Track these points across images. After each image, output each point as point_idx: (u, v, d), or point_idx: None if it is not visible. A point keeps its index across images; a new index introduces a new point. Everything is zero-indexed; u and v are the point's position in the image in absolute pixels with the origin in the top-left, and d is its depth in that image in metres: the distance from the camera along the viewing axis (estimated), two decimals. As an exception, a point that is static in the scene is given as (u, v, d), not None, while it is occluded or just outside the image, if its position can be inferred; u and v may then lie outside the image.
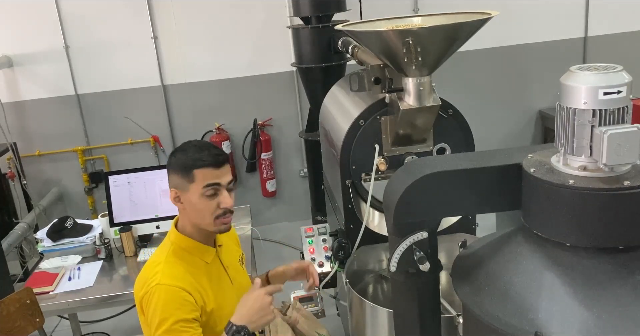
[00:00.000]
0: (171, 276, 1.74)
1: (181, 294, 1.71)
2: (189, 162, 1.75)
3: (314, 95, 3.98)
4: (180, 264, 1.79)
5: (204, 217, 1.78)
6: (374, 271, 2.52)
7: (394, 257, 1.34)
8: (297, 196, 4.99)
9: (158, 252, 1.87)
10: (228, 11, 4.55)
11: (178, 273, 1.76)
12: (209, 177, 1.75)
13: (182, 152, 1.79)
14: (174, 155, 1.81)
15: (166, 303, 1.69)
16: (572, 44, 4.94)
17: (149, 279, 1.75)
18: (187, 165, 1.75)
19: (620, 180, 1.11)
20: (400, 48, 1.92)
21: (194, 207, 1.78)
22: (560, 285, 1.14)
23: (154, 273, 1.76)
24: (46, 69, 4.53)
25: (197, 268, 1.82)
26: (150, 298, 1.71)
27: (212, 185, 1.75)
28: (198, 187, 1.75)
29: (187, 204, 1.79)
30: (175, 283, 1.73)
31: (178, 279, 1.74)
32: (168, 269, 1.76)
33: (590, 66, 1.15)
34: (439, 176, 1.28)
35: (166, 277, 1.73)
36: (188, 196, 1.77)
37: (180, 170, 1.77)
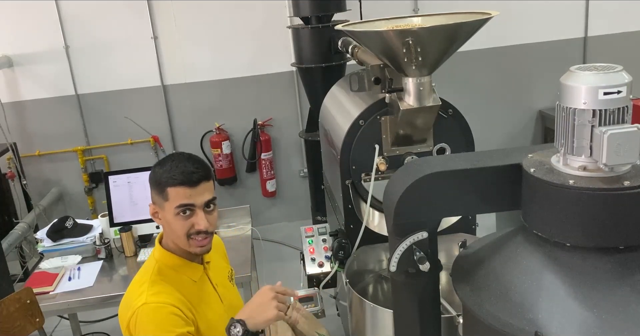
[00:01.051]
0: (157, 294, 1.64)
1: (170, 309, 1.62)
2: (162, 179, 1.65)
3: (314, 95, 3.98)
4: (166, 282, 1.70)
5: (179, 236, 1.69)
6: (374, 271, 2.51)
7: (394, 257, 1.34)
8: (297, 196, 4.99)
9: (142, 271, 1.77)
10: (228, 11, 4.55)
11: (164, 290, 1.67)
12: (181, 196, 1.64)
13: (160, 166, 1.70)
14: (153, 169, 1.72)
15: (158, 323, 1.59)
16: (572, 44, 4.94)
17: (133, 300, 1.65)
18: (161, 182, 1.66)
19: (620, 180, 1.11)
20: (400, 48, 1.92)
21: (169, 225, 1.69)
22: (560, 285, 1.14)
23: (139, 293, 1.66)
24: (46, 69, 4.53)
25: (184, 287, 1.72)
26: (137, 320, 1.61)
27: (184, 206, 1.65)
28: (171, 207, 1.65)
29: (163, 221, 1.71)
30: (163, 299, 1.63)
31: (165, 296, 1.64)
32: (154, 287, 1.66)
33: (590, 66, 1.15)
34: (439, 176, 1.28)
35: (152, 296, 1.63)
36: (164, 214, 1.69)
37: (155, 186, 1.68)
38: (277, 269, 4.05)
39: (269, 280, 3.68)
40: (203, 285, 1.81)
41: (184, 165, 1.65)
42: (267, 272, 3.82)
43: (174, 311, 1.62)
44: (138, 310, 1.61)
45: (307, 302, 2.47)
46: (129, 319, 1.63)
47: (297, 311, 2.36)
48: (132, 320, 1.62)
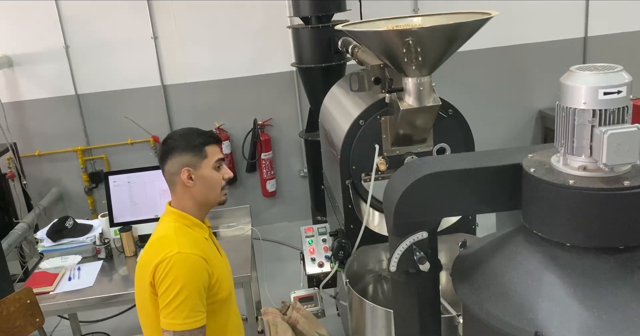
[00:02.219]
0: (188, 246, 1.83)
1: (201, 263, 1.81)
2: (200, 140, 1.92)
3: (314, 95, 3.98)
4: (188, 237, 1.89)
5: (215, 188, 1.94)
6: (374, 271, 2.52)
7: (394, 257, 1.34)
8: (297, 196, 4.99)
9: (163, 229, 1.94)
10: (228, 11, 4.55)
11: (193, 243, 1.86)
12: (217, 153, 1.96)
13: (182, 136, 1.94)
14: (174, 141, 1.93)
15: (191, 271, 1.78)
16: (572, 44, 4.93)
17: (164, 249, 1.81)
18: (197, 144, 1.91)
19: (620, 180, 1.11)
20: (400, 48, 1.92)
21: (206, 181, 1.92)
22: (560, 285, 1.14)
23: (168, 245, 1.82)
24: (46, 69, 4.53)
25: (201, 244, 1.92)
26: (170, 266, 1.76)
27: (220, 160, 1.96)
28: (210, 161, 1.92)
29: (198, 180, 1.91)
30: (195, 251, 1.82)
31: (195, 248, 1.84)
32: (182, 240, 1.85)
33: (590, 66, 1.15)
34: (439, 176, 1.28)
35: (184, 247, 1.81)
36: (200, 172, 1.91)
37: (191, 149, 1.91)
38: (277, 269, 4.05)
39: (269, 280, 3.69)
40: (211, 246, 2.01)
41: (203, 131, 1.97)
42: (267, 272, 3.83)
43: (203, 265, 1.82)
44: (173, 257, 1.78)
45: (307, 302, 2.48)
46: (157, 265, 1.79)
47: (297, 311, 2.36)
48: (163, 266, 1.78)
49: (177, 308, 1.74)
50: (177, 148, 1.92)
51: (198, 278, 1.79)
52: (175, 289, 1.75)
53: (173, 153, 1.92)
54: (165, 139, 1.97)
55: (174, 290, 1.75)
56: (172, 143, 1.93)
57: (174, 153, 1.92)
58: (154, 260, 1.81)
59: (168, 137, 1.97)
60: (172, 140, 1.94)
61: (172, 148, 1.93)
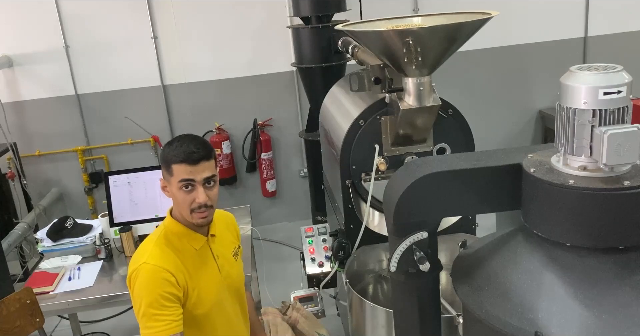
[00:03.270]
0: (157, 257, 1.85)
1: (163, 274, 1.81)
2: (168, 156, 1.85)
3: (314, 95, 3.98)
4: (168, 247, 1.89)
5: (183, 208, 1.88)
6: (374, 271, 2.52)
7: (394, 257, 1.34)
8: (297, 196, 4.99)
9: (151, 234, 1.98)
10: (228, 11, 4.55)
11: (164, 254, 1.87)
12: (183, 172, 1.83)
13: (168, 145, 1.89)
14: (163, 148, 1.92)
15: (148, 281, 1.80)
16: (572, 44, 4.93)
17: (138, 257, 1.88)
18: (167, 159, 1.85)
19: (620, 180, 1.11)
20: (400, 48, 1.92)
21: (175, 198, 1.89)
22: (560, 285, 1.14)
23: (143, 252, 1.89)
24: (46, 69, 4.53)
25: (184, 253, 1.91)
26: (136, 275, 1.83)
27: (185, 181, 1.84)
28: (175, 181, 1.85)
29: (171, 194, 1.90)
30: (160, 263, 1.83)
31: (163, 260, 1.85)
32: (156, 250, 1.88)
33: (590, 66, 1.15)
34: (439, 176, 1.28)
35: (153, 257, 1.84)
36: (170, 188, 1.89)
37: (163, 162, 1.88)
38: (277, 269, 4.05)
39: (269, 280, 3.69)
40: (204, 254, 1.98)
41: (187, 145, 1.84)
42: (267, 272, 3.83)
43: (166, 276, 1.82)
44: (139, 267, 1.83)
45: (307, 302, 2.48)
46: (131, 273, 1.86)
47: (297, 311, 2.36)
48: (134, 275, 1.84)
49: (143, 318, 1.81)
50: (161, 156, 1.92)
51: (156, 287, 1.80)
52: (140, 297, 1.81)
53: (160, 160, 1.93)
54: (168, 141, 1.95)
55: (139, 297, 1.81)
56: (162, 150, 1.92)
57: (160, 160, 1.93)
58: (132, 265, 1.88)
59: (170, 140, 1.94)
60: (165, 147, 1.90)
61: (160, 154, 1.94)
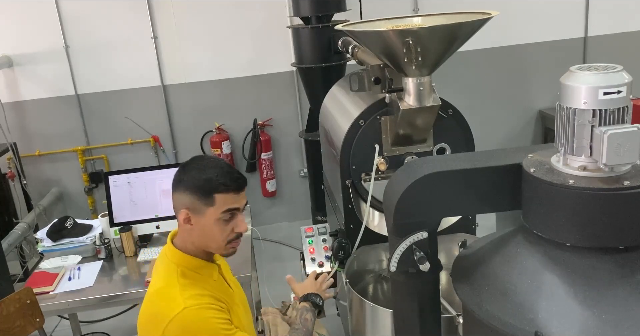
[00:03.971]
0: (194, 297, 1.62)
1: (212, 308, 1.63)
2: (211, 185, 1.62)
3: (314, 95, 3.98)
4: (194, 284, 1.68)
5: (216, 241, 1.68)
6: (374, 271, 2.52)
7: (394, 257, 1.35)
8: (297, 196, 4.99)
9: (163, 278, 1.71)
10: (228, 11, 4.55)
11: (199, 292, 1.65)
12: (229, 201, 1.64)
13: (198, 171, 1.65)
14: (188, 173, 1.67)
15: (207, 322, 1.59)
16: (572, 44, 4.93)
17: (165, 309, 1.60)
18: (208, 188, 1.62)
19: (620, 180, 1.11)
20: (400, 48, 1.92)
21: (206, 231, 1.67)
22: (560, 285, 1.14)
23: (171, 301, 1.61)
24: (46, 69, 4.53)
25: (210, 287, 1.72)
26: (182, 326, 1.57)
27: (231, 210, 1.65)
28: (216, 212, 1.64)
29: (198, 226, 1.67)
30: (201, 301, 1.62)
31: (202, 297, 1.64)
32: (186, 291, 1.63)
33: (590, 66, 1.15)
34: (439, 176, 1.28)
35: (189, 299, 1.60)
36: (202, 219, 1.65)
37: (199, 191, 1.63)
38: (277, 269, 4.05)
39: (269, 280, 3.69)
40: (220, 283, 1.81)
41: (229, 172, 1.65)
42: (267, 272, 3.82)
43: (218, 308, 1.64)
44: (178, 316, 1.57)
45: (307, 302, 2.47)
46: (164, 328, 1.58)
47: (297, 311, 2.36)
48: (170, 327, 1.57)
49: None
50: (183, 182, 1.66)
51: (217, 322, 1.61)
52: None
53: (180, 186, 1.67)
54: (184, 165, 1.70)
55: None
56: (183, 175, 1.67)
57: (180, 187, 1.67)
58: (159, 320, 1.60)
59: (187, 164, 1.70)
60: (186, 171, 1.67)
61: (181, 180, 1.67)
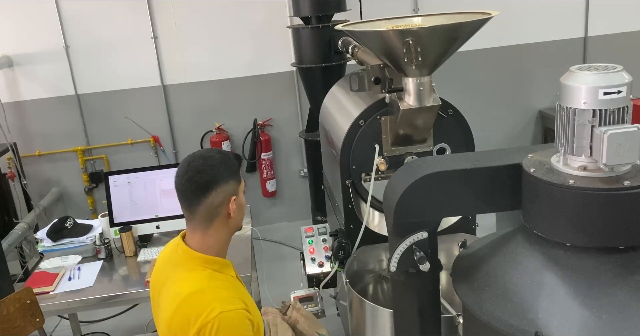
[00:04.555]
0: (228, 301, 1.63)
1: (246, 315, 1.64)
2: (235, 166, 1.77)
3: (314, 95, 3.98)
4: (223, 286, 1.70)
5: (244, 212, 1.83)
6: (374, 271, 2.51)
7: (394, 257, 1.35)
8: (297, 196, 4.99)
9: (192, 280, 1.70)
10: (228, 11, 4.55)
11: (229, 295, 1.67)
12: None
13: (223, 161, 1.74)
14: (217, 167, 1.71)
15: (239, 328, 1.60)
16: (572, 44, 4.93)
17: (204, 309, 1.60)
18: (235, 169, 1.77)
19: (620, 180, 1.11)
20: (400, 48, 1.92)
21: (242, 206, 1.80)
22: (560, 285, 1.14)
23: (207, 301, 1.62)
24: (46, 69, 4.53)
25: (235, 287, 1.75)
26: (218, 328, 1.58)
27: None
28: (242, 184, 1.80)
29: (238, 208, 1.76)
30: (237, 306, 1.63)
31: (235, 302, 1.65)
32: (219, 294, 1.65)
33: (590, 66, 1.15)
34: (439, 176, 1.28)
35: (224, 303, 1.61)
36: (239, 198, 1.77)
37: (233, 176, 1.74)
38: (277, 269, 4.05)
39: (269, 280, 3.69)
40: (237, 280, 1.86)
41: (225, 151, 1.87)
42: (267, 272, 3.82)
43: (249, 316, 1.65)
44: (216, 318, 1.58)
45: (307, 302, 2.48)
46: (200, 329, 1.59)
47: (297, 311, 2.36)
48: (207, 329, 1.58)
49: None
50: (221, 176, 1.70)
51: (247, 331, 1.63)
52: None
53: (218, 182, 1.69)
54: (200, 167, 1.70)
55: None
56: (214, 172, 1.69)
57: (219, 183, 1.69)
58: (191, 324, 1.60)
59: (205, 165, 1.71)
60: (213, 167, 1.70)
61: (215, 177, 1.69)
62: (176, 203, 1.80)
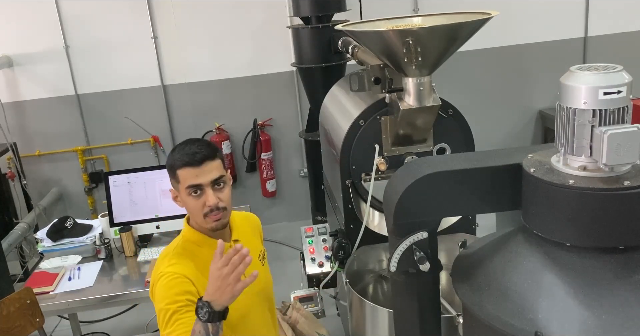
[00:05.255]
0: (174, 265, 1.77)
1: (182, 280, 1.73)
2: (172, 162, 1.77)
3: (314, 95, 3.98)
4: (185, 256, 1.81)
5: (195, 215, 1.80)
6: (374, 271, 2.51)
7: (394, 257, 1.34)
8: (297, 196, 4.99)
9: (168, 245, 1.92)
10: (228, 11, 4.55)
11: (182, 262, 1.79)
12: (189, 177, 1.74)
13: (172, 151, 1.81)
14: (168, 155, 1.83)
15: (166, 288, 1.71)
16: (572, 44, 4.94)
17: (156, 270, 1.82)
18: (172, 165, 1.77)
19: (620, 180, 1.11)
20: (400, 48, 1.92)
21: (187, 206, 1.81)
22: (560, 285, 1.14)
23: (162, 263, 1.81)
24: (46, 69, 4.53)
25: (204, 262, 1.77)
26: (154, 286, 1.76)
27: (192, 187, 1.75)
28: (182, 188, 1.76)
29: (182, 203, 1.82)
30: (177, 270, 1.75)
31: (180, 267, 1.76)
32: (173, 259, 1.80)
33: (590, 66, 1.15)
34: (439, 176, 1.28)
35: (169, 266, 1.77)
36: (181, 196, 1.80)
37: (169, 170, 1.80)
38: (277, 269, 4.04)
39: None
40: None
41: (189, 147, 1.76)
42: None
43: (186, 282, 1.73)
44: (156, 277, 1.77)
45: (307, 302, 2.48)
46: (152, 286, 1.80)
47: (297, 311, 2.36)
48: (152, 286, 1.78)
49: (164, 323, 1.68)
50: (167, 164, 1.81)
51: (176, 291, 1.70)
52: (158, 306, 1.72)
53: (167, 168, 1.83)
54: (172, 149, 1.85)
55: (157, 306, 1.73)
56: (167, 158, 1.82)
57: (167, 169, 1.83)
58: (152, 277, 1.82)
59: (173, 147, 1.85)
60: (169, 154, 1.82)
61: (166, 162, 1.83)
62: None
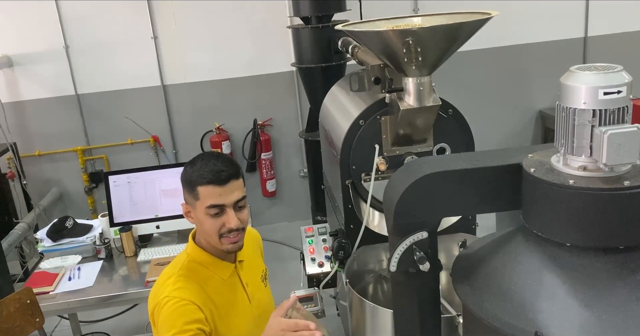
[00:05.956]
0: (180, 289, 1.66)
1: (190, 307, 1.64)
2: (193, 178, 1.66)
3: (314, 95, 3.98)
4: (192, 278, 1.72)
5: (210, 235, 1.70)
6: (374, 271, 2.51)
7: (394, 257, 1.34)
8: (297, 196, 4.99)
9: (172, 263, 1.80)
10: (228, 11, 4.55)
11: (189, 286, 1.69)
12: (212, 196, 1.65)
13: (190, 165, 1.70)
14: (184, 168, 1.72)
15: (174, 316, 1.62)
16: (572, 44, 4.94)
17: (159, 291, 1.69)
18: (192, 181, 1.66)
19: (620, 180, 1.11)
20: (400, 48, 1.92)
21: (201, 224, 1.71)
22: (560, 285, 1.14)
23: (166, 285, 1.69)
24: (46, 69, 4.53)
25: (211, 286, 1.74)
26: (160, 310, 1.64)
27: (214, 207, 1.66)
28: (202, 206, 1.66)
29: (196, 220, 1.72)
30: (184, 296, 1.65)
31: (187, 292, 1.66)
32: (180, 282, 1.69)
33: (591, 66, 1.15)
34: (439, 176, 1.28)
35: (176, 290, 1.66)
36: (196, 213, 1.70)
37: (187, 185, 1.69)
38: (277, 269, 4.05)
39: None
40: (232, 284, 1.81)
41: (213, 163, 1.66)
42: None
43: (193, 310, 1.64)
44: (161, 301, 1.65)
45: (307, 302, 2.47)
46: (154, 308, 1.68)
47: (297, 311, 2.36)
48: (157, 309, 1.66)
49: None
50: (183, 177, 1.71)
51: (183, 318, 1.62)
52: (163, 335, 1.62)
53: (182, 182, 1.72)
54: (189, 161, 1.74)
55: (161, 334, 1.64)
56: (184, 171, 1.71)
57: (182, 183, 1.72)
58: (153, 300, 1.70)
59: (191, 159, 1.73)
60: (187, 163, 1.72)
61: (182, 175, 1.72)
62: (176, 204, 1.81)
